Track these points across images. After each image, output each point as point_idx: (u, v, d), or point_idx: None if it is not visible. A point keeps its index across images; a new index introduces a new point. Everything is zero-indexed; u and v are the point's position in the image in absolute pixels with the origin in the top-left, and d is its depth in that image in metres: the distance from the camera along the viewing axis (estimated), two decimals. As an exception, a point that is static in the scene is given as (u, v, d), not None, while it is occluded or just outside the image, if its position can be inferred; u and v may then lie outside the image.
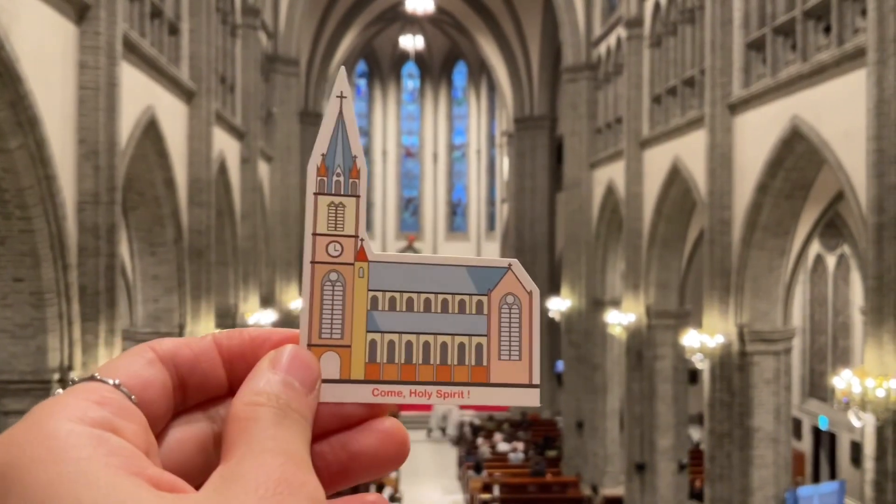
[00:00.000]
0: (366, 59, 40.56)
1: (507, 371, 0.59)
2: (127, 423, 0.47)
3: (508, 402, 0.60)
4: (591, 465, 21.36)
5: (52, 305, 8.30)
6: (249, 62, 17.84)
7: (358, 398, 0.57)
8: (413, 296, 0.59)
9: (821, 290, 22.06)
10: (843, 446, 20.24)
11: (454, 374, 0.58)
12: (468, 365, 0.59)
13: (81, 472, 0.40)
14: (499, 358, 0.59)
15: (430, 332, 0.59)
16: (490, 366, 0.59)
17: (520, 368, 0.60)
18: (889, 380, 8.76)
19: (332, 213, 0.60)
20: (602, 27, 20.82)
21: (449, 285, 0.59)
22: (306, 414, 0.52)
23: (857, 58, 9.76)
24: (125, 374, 0.51)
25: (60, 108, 8.65)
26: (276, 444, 0.47)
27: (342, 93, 0.60)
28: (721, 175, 13.43)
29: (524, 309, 0.60)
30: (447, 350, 0.59)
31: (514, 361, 0.60)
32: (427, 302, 0.59)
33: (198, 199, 13.39)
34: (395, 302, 0.59)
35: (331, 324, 0.58)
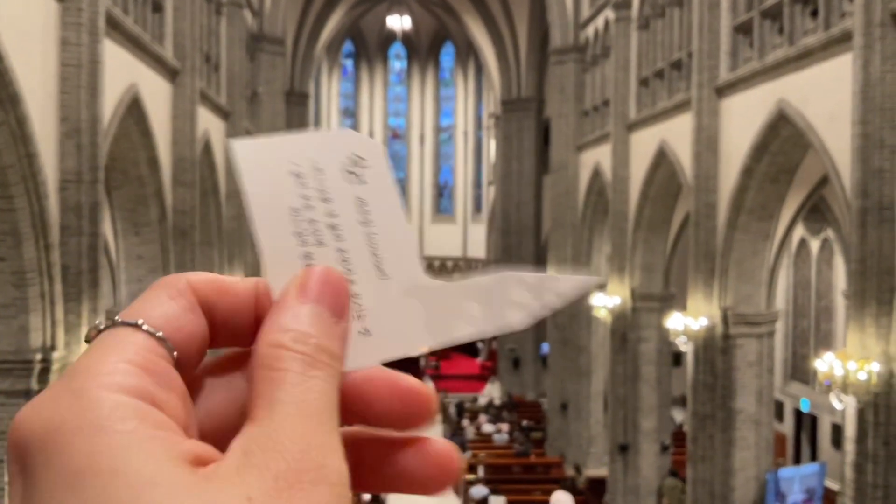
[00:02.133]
0: (352, 40, 40.28)
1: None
2: (168, 395, 0.44)
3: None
4: (574, 446, 21.51)
5: (34, 285, 8.24)
6: (234, 41, 17.68)
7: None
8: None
9: (804, 274, 22.22)
10: (825, 429, 20.47)
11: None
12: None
13: (122, 445, 0.39)
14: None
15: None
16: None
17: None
18: (870, 363, 8.85)
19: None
20: (590, 9, 20.75)
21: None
22: (337, 350, 0.48)
23: (844, 42, 9.77)
24: (165, 322, 0.47)
25: (42, 86, 8.54)
26: (301, 406, 0.43)
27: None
28: (707, 158, 13.46)
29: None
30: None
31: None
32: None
33: (182, 178, 13.29)
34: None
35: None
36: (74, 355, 8.80)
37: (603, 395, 21.15)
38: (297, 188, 0.53)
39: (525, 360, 28.97)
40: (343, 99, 41.83)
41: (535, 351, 28.69)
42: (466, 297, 0.55)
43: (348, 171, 0.54)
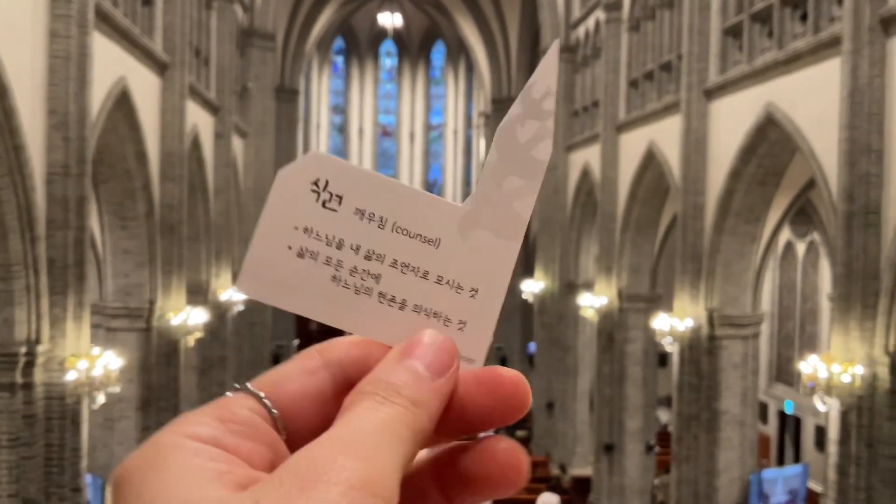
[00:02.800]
0: (343, 36, 40.19)
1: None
2: (240, 440, 0.49)
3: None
4: (560, 446, 21.56)
5: (19, 278, 8.19)
6: (225, 35, 17.61)
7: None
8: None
9: (790, 277, 22.35)
10: (808, 430, 20.60)
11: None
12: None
13: (175, 476, 0.45)
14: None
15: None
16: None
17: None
18: (854, 366, 8.91)
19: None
20: (581, 10, 20.78)
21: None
22: (422, 398, 0.50)
23: (833, 46, 9.83)
24: (271, 384, 0.53)
25: (30, 78, 8.49)
26: (347, 433, 0.47)
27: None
28: (695, 160, 13.51)
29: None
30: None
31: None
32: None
33: (170, 173, 13.23)
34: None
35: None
36: (59, 349, 8.76)
37: (589, 395, 21.21)
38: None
39: (512, 358, 29.01)
40: (333, 96, 41.74)
41: (523, 350, 28.74)
42: (499, 179, 0.57)
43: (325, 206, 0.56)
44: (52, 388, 8.70)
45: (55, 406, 8.75)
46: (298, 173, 0.56)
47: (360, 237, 0.56)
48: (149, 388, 12.67)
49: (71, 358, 8.82)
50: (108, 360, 9.62)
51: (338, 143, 42.11)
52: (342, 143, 42.02)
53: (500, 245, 0.57)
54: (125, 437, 12.56)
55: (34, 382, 8.37)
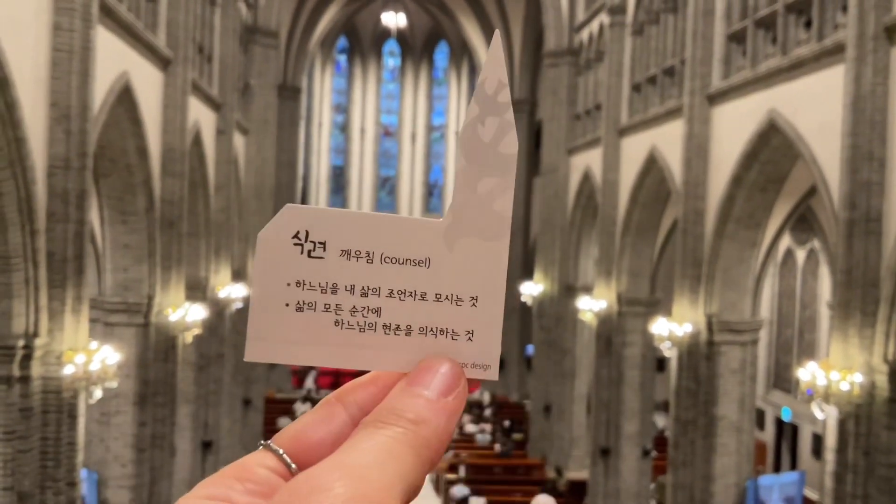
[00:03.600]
0: (347, 35, 40.18)
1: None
2: (257, 500, 0.52)
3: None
4: (556, 449, 21.54)
5: (18, 270, 8.17)
6: (228, 32, 17.60)
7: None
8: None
9: (789, 284, 22.34)
10: (805, 438, 20.59)
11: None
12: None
13: None
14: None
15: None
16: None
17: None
18: (853, 373, 8.90)
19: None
20: (585, 13, 20.78)
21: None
22: (429, 418, 0.53)
23: (836, 53, 9.83)
24: (290, 439, 0.56)
25: (33, 71, 8.47)
26: (347, 456, 0.50)
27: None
28: (697, 165, 13.50)
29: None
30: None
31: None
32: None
33: (171, 168, 13.22)
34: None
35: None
36: (57, 342, 8.75)
37: (586, 399, 21.19)
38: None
39: (510, 361, 28.98)
40: (336, 94, 41.72)
41: (520, 352, 28.72)
42: (473, 183, 0.59)
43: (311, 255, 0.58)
44: (49, 382, 8.69)
45: (52, 400, 8.73)
46: (278, 230, 0.57)
47: (353, 277, 0.57)
48: (146, 383, 12.65)
49: (68, 352, 8.81)
50: (105, 355, 9.60)
51: (339, 143, 42.09)
52: (344, 143, 42.00)
53: (489, 247, 0.58)
54: (121, 432, 12.55)
55: (31, 376, 8.35)
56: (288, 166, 26.13)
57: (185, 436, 15.75)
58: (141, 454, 12.66)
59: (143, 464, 12.70)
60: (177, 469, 14.64)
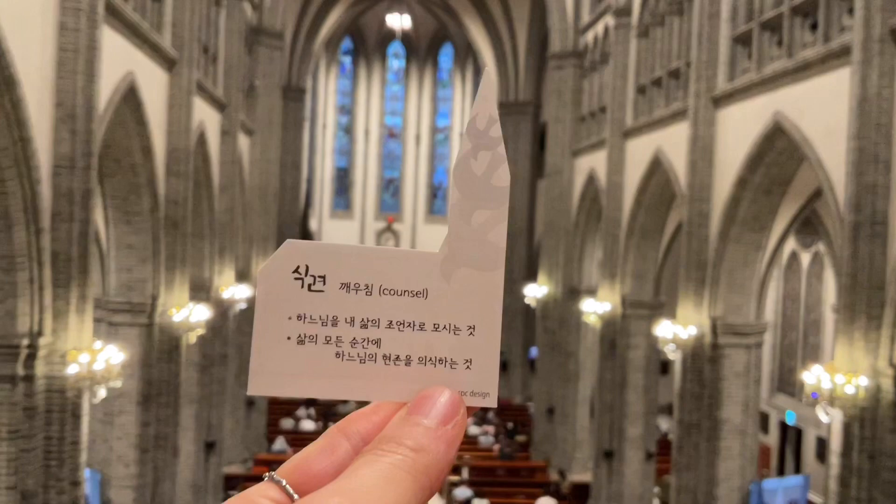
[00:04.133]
0: (352, 37, 40.22)
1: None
2: None
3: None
4: (560, 451, 21.51)
5: (23, 270, 8.18)
6: (233, 33, 17.63)
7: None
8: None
9: (794, 287, 22.29)
10: (809, 441, 20.53)
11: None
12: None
13: None
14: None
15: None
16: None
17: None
18: (858, 377, 8.87)
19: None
20: (590, 15, 20.77)
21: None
22: (428, 445, 0.54)
23: (842, 56, 9.80)
24: (293, 470, 0.56)
25: (38, 70, 8.49)
26: (346, 482, 0.51)
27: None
28: (702, 168, 13.48)
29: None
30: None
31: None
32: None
33: (176, 169, 13.23)
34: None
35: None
36: (61, 342, 8.76)
37: (590, 401, 21.16)
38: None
39: (513, 363, 28.96)
40: (340, 96, 41.75)
41: (524, 354, 28.69)
42: (467, 215, 0.60)
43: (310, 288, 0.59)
44: (53, 381, 8.69)
45: (56, 399, 8.74)
46: (278, 266, 0.59)
47: (352, 309, 0.59)
48: (149, 383, 12.66)
49: (73, 351, 8.82)
50: (109, 355, 9.61)
51: (343, 144, 42.12)
52: (348, 144, 42.02)
53: (484, 278, 0.60)
54: (124, 432, 12.55)
55: (35, 375, 8.36)
56: (292, 167, 26.15)
57: (189, 436, 15.75)
58: (144, 454, 12.67)
59: (146, 464, 12.70)
60: (180, 469, 14.64)
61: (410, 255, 0.60)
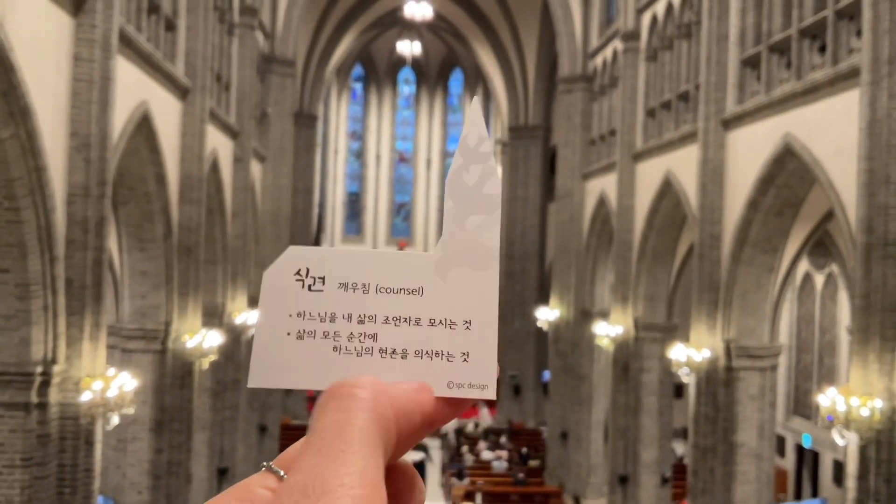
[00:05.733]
0: (363, 63, 40.56)
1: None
2: None
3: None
4: (574, 476, 21.34)
5: (37, 297, 8.25)
6: (245, 61, 17.82)
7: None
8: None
9: (808, 309, 22.14)
10: (826, 465, 20.28)
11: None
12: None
13: None
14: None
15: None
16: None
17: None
18: (873, 399, 8.79)
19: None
20: (599, 39, 20.89)
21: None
22: (379, 393, 0.54)
23: (851, 78, 9.81)
24: (292, 459, 0.55)
25: (53, 100, 8.61)
26: (314, 440, 0.51)
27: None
28: (712, 190, 13.47)
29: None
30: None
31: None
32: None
33: (189, 196, 13.34)
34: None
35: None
36: (75, 369, 8.80)
37: (604, 425, 21.01)
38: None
39: (526, 387, 28.83)
40: (351, 122, 42.03)
41: (537, 378, 28.56)
42: (461, 220, 0.62)
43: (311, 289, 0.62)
44: (67, 409, 8.72)
45: (69, 426, 8.76)
46: (281, 269, 0.62)
47: (350, 306, 0.61)
48: (162, 409, 12.68)
49: (86, 378, 8.85)
50: (123, 382, 9.64)
51: (355, 169, 42.33)
52: (359, 169, 42.22)
53: (479, 276, 0.62)
54: (137, 458, 12.56)
55: (49, 402, 8.40)
56: (304, 192, 26.30)
57: (201, 462, 15.73)
58: (157, 481, 12.65)
59: (159, 490, 12.68)
60: (192, 496, 14.61)
61: (406, 257, 0.62)
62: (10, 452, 8.12)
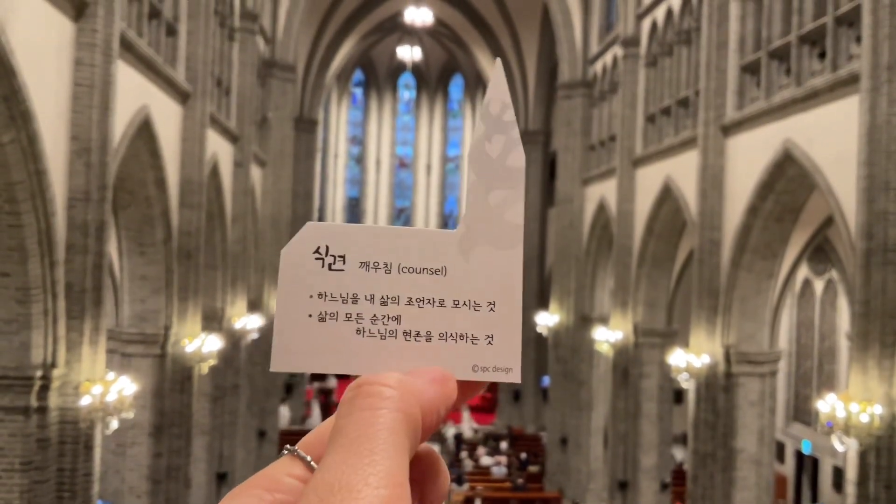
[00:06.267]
0: (363, 69, 40.62)
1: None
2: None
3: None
4: (573, 482, 21.31)
5: (37, 301, 8.25)
6: (246, 66, 17.85)
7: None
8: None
9: (808, 315, 22.14)
10: (826, 471, 20.27)
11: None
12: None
13: None
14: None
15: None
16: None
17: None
18: (873, 405, 8.79)
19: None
20: (599, 45, 20.93)
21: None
22: (409, 390, 0.53)
23: (851, 84, 9.83)
24: (323, 444, 0.54)
25: (54, 104, 8.62)
26: (340, 438, 0.51)
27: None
28: (712, 196, 13.49)
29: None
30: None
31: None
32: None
33: (189, 200, 13.34)
34: None
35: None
36: (74, 373, 8.79)
37: (603, 431, 21.00)
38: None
39: (525, 392, 28.82)
40: (351, 127, 42.08)
41: (536, 383, 28.54)
42: (484, 195, 0.61)
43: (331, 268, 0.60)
44: (66, 413, 8.72)
45: (69, 430, 8.76)
46: (299, 247, 0.60)
47: (372, 287, 0.59)
48: (162, 414, 12.67)
49: (86, 383, 8.85)
50: (122, 386, 9.64)
51: (355, 174, 42.36)
52: (359, 174, 42.26)
53: (503, 255, 0.60)
54: (136, 463, 12.54)
55: (48, 406, 8.39)
56: (304, 197, 26.32)
57: (200, 467, 15.71)
58: (156, 486, 12.64)
59: (158, 495, 12.67)
60: (192, 501, 14.59)
61: (429, 234, 0.61)
62: (10, 456, 8.11)
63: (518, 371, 0.60)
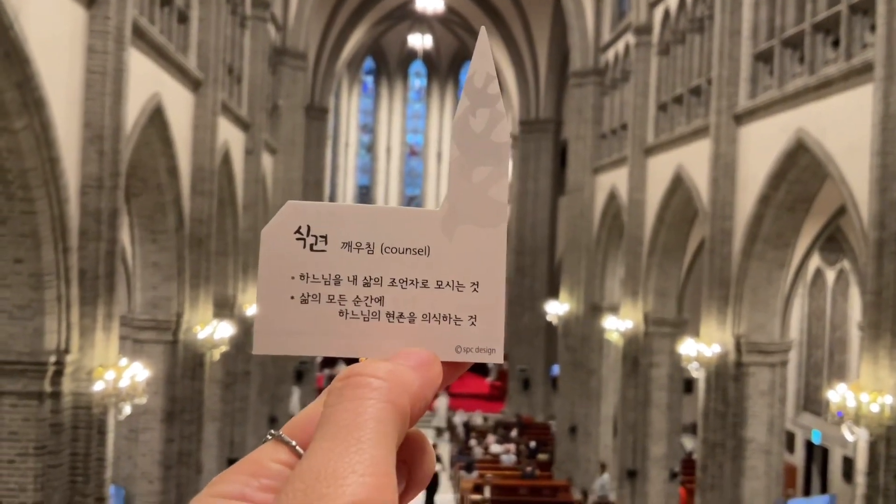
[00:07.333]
0: (374, 56, 40.56)
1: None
2: (270, 494, 0.52)
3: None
4: (582, 470, 21.36)
5: (50, 287, 8.31)
6: (257, 54, 17.86)
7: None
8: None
9: (819, 305, 22.06)
10: (836, 461, 20.23)
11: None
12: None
13: None
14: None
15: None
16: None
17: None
18: (884, 395, 8.77)
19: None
20: (611, 33, 20.83)
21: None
22: (398, 376, 0.53)
23: (865, 73, 9.76)
24: (307, 430, 0.54)
25: (67, 92, 8.66)
26: (328, 427, 0.51)
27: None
28: (724, 185, 13.43)
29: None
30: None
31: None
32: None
33: (200, 187, 13.39)
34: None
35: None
36: (87, 359, 8.87)
37: (613, 420, 21.02)
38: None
39: (535, 381, 28.85)
40: (362, 115, 42.07)
41: (546, 372, 28.57)
42: (467, 172, 0.60)
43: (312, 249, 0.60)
44: (80, 398, 8.80)
45: (82, 415, 8.84)
46: (280, 227, 0.59)
47: (355, 267, 0.59)
48: (173, 400, 12.76)
49: (99, 368, 8.93)
50: (135, 372, 9.71)
51: (365, 162, 42.37)
52: (370, 162, 42.26)
53: (487, 234, 0.60)
54: (149, 448, 12.65)
55: (62, 392, 8.48)
56: (315, 185, 26.35)
57: (212, 453, 15.83)
58: (168, 471, 12.75)
59: (169, 480, 12.78)
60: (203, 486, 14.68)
61: (411, 213, 0.60)
62: (24, 441, 8.20)
63: (501, 351, 0.60)
